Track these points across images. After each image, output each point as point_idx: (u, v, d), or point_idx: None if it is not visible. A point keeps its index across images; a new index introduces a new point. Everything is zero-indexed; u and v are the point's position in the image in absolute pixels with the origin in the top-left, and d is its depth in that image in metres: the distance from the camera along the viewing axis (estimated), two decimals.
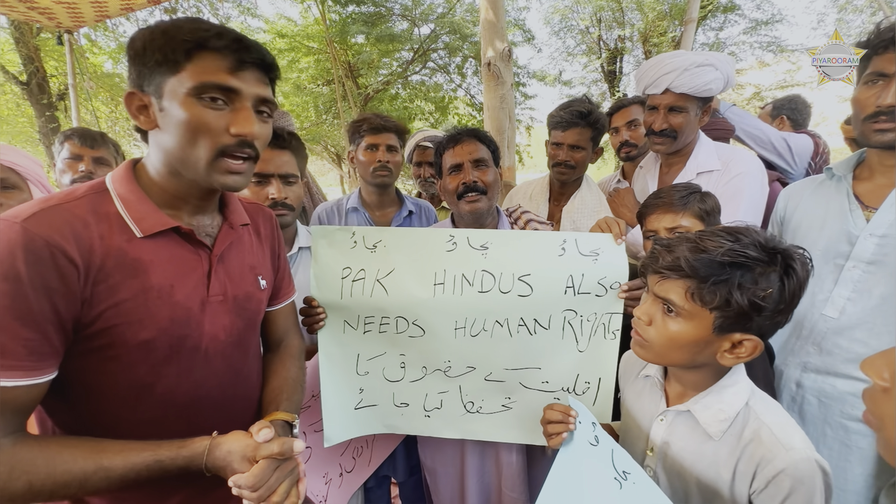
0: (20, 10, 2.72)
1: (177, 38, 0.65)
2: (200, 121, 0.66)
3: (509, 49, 3.30)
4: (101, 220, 0.67)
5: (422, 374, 1.19)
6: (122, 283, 0.66)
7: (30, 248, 0.59)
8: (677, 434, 0.81)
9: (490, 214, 1.29)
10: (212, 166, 0.69)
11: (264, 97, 0.72)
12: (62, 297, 0.61)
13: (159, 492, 0.76)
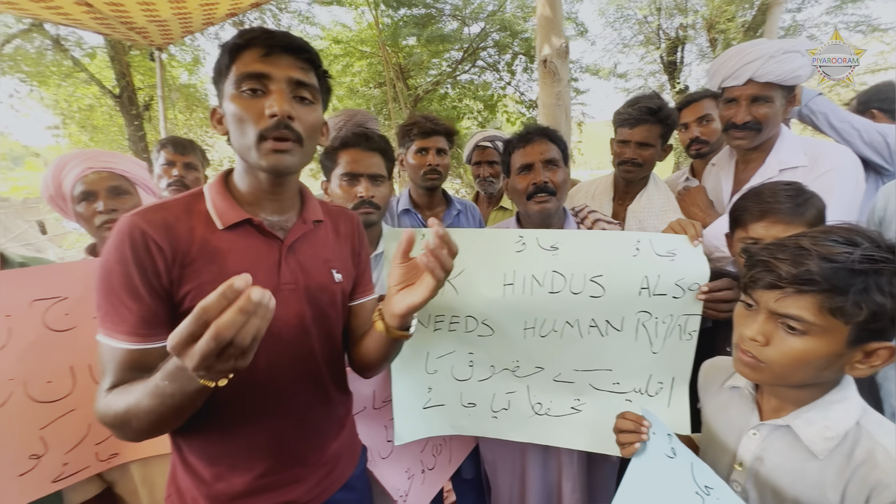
0: (121, 30, 3.03)
1: (224, 48, 0.76)
2: (242, 110, 0.74)
3: (566, 45, 3.24)
4: (193, 216, 0.79)
5: (490, 373, 1.21)
6: (204, 267, 0.76)
7: (132, 236, 0.73)
8: (773, 450, 0.76)
9: (557, 214, 1.29)
10: (258, 150, 0.75)
11: (299, 79, 0.76)
12: (154, 275, 0.73)
13: (246, 462, 0.84)
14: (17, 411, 1.11)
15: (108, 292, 0.72)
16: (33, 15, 2.65)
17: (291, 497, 0.86)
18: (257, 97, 0.74)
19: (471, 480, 1.72)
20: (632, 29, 10.23)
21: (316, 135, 0.82)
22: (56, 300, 1.14)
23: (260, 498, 0.84)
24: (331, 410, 0.94)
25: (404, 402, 1.23)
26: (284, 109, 0.73)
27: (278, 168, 0.77)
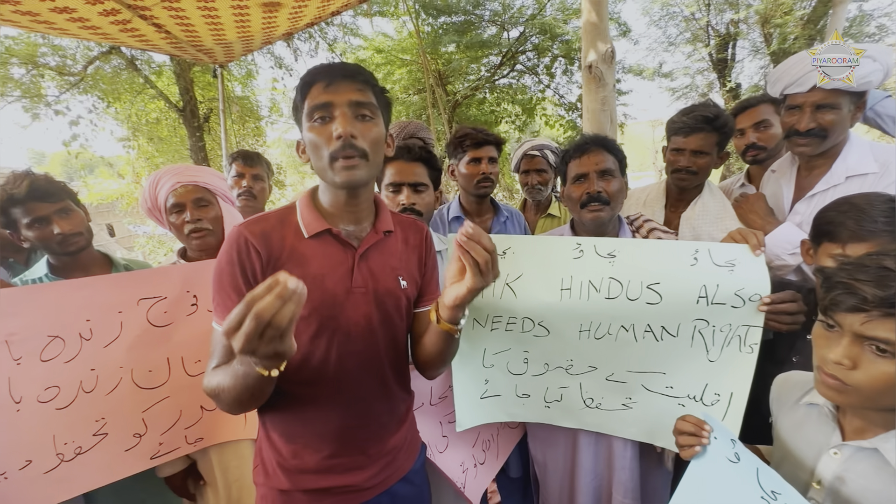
0: (191, 52, 3.30)
1: (297, 89, 0.89)
2: (316, 137, 0.85)
3: (612, 50, 3.22)
4: (286, 226, 0.92)
5: (544, 369, 1.26)
6: (291, 270, 0.86)
7: (238, 243, 0.87)
8: (857, 471, 0.75)
9: (611, 223, 1.32)
10: (331, 169, 0.86)
11: (357, 100, 0.85)
12: (252, 275, 0.86)
13: (317, 443, 0.94)
14: (125, 395, 1.27)
15: (219, 287, 0.88)
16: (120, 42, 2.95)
17: (353, 482, 0.96)
18: (326, 123, 0.85)
19: (516, 481, 1.75)
20: (678, 26, 9.88)
21: (380, 147, 0.91)
22: (157, 299, 1.29)
23: (326, 477, 0.94)
24: (392, 406, 1.02)
25: (463, 392, 1.30)
26: (347, 130, 0.83)
27: (350, 182, 0.86)
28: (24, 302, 1.14)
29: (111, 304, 1.23)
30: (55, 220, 1.34)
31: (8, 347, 1.12)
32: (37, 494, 1.16)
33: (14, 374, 1.13)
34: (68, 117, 7.20)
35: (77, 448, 1.21)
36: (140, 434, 1.30)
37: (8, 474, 1.13)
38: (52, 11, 2.07)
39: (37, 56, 6.70)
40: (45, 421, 1.17)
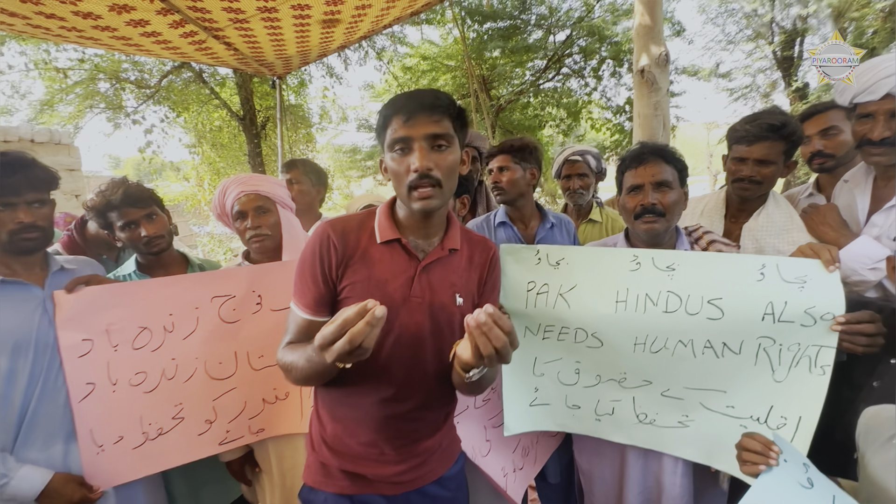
0: (254, 66, 3.53)
1: (380, 116, 0.96)
2: (396, 168, 0.93)
3: (666, 53, 3.12)
4: (363, 229, 1.00)
5: (595, 381, 1.25)
6: (360, 269, 0.97)
7: (322, 237, 0.97)
8: None
9: (668, 234, 1.29)
10: (409, 197, 0.93)
11: (433, 133, 0.90)
12: (328, 268, 0.96)
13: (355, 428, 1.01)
14: (199, 384, 1.40)
15: (300, 274, 0.98)
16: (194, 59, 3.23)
17: (384, 473, 1.02)
18: (405, 155, 0.92)
19: (557, 488, 1.74)
20: (738, 24, 9.35)
21: (455, 172, 0.96)
22: (227, 297, 1.41)
23: (361, 462, 1.02)
24: (429, 412, 1.06)
25: (513, 399, 1.32)
26: (424, 165, 0.89)
27: (425, 210, 0.94)
28: (122, 296, 1.30)
29: (190, 301, 1.36)
30: (142, 224, 1.49)
31: (108, 335, 1.27)
32: (125, 467, 1.31)
33: (112, 359, 1.28)
34: (143, 126, 7.91)
35: (159, 429, 1.35)
36: (211, 421, 1.42)
37: (105, 447, 1.27)
38: (142, 36, 2.31)
39: (120, 71, 7.42)
40: (135, 402, 1.31)
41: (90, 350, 1.25)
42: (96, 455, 1.26)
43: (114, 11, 1.97)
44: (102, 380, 1.26)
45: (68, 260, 1.37)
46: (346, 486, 1.02)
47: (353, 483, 1.02)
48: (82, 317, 1.24)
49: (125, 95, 7.94)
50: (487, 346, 0.74)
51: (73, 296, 1.23)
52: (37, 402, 1.19)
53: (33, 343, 1.19)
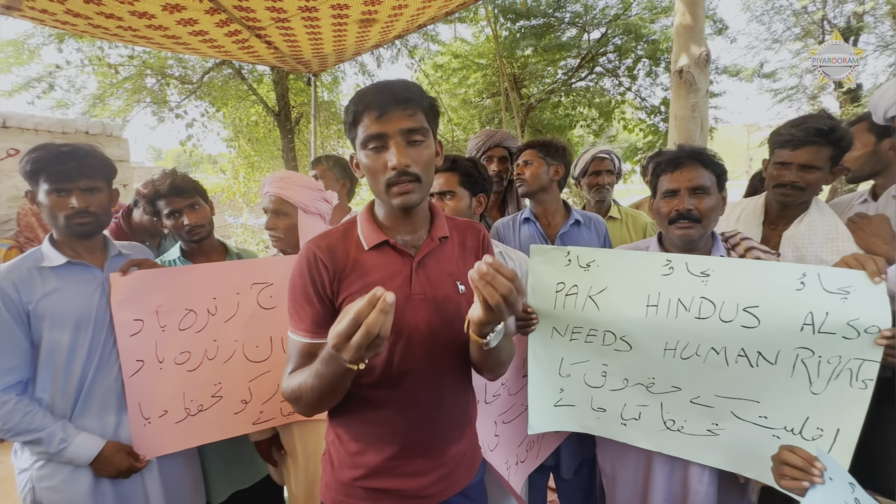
0: (291, 63, 3.64)
1: (348, 112, 0.91)
2: (372, 166, 0.89)
3: (707, 53, 3.02)
4: (349, 240, 0.97)
5: (622, 385, 1.24)
6: (355, 280, 0.94)
7: (308, 258, 0.94)
8: None
9: (703, 240, 1.26)
10: (387, 194, 0.90)
11: (408, 128, 0.87)
12: (321, 286, 0.93)
13: (378, 444, 0.98)
14: (237, 365, 1.47)
15: (293, 299, 0.96)
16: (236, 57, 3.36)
17: (412, 487, 0.98)
18: (380, 152, 0.88)
19: (578, 488, 1.74)
20: (785, 21, 8.91)
21: (431, 165, 0.94)
22: (266, 285, 1.48)
23: (386, 479, 0.97)
24: (453, 414, 1.03)
25: (538, 398, 1.32)
26: (401, 161, 0.87)
27: (406, 205, 0.91)
28: (170, 280, 1.38)
29: (232, 286, 1.44)
30: (185, 213, 1.58)
31: (157, 316, 1.36)
32: (169, 439, 1.40)
33: (160, 339, 1.37)
34: (185, 120, 8.27)
35: (199, 405, 1.44)
36: (246, 401, 1.50)
37: (151, 420, 1.37)
38: (190, 34, 2.43)
39: (165, 68, 7.78)
40: (179, 380, 1.40)
41: (141, 329, 1.34)
42: (143, 427, 1.35)
43: (166, 11, 2.09)
44: (151, 358, 1.36)
45: (123, 245, 1.46)
46: None
47: (377, 500, 0.99)
48: (134, 298, 1.33)
49: (169, 90, 8.33)
50: (494, 295, 0.73)
51: (127, 278, 1.32)
52: (93, 374, 1.29)
53: (93, 320, 1.29)
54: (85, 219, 1.27)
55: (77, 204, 1.25)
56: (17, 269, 1.24)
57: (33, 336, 1.24)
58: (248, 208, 10.29)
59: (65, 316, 1.25)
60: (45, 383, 1.26)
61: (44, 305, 1.23)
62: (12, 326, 1.21)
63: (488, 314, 0.78)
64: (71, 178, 1.24)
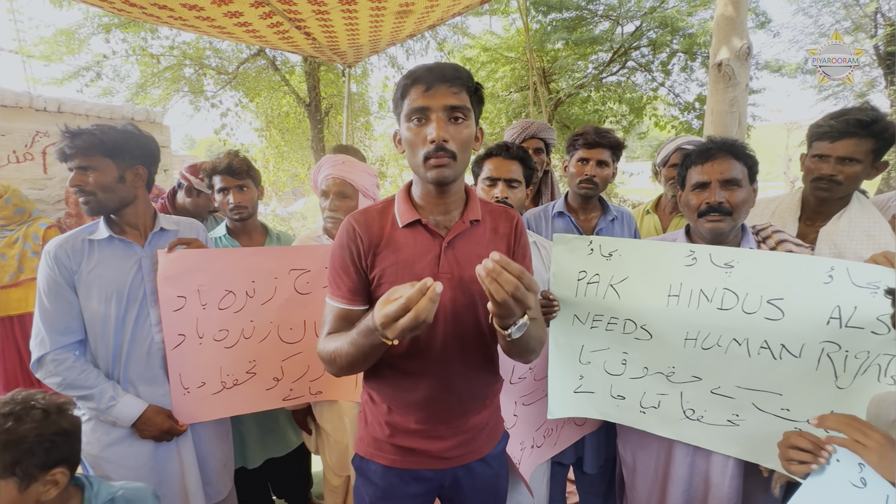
0: (327, 54, 3.70)
1: (398, 86, 0.95)
2: (412, 138, 0.93)
3: (749, 46, 2.92)
4: (385, 217, 1.03)
5: (642, 373, 1.26)
6: (388, 255, 0.99)
7: (348, 231, 1.01)
8: None
9: (733, 232, 1.25)
10: (424, 167, 0.93)
11: (452, 105, 0.91)
12: (357, 258, 0.99)
13: (407, 408, 1.05)
14: (272, 345, 1.55)
15: (333, 268, 1.03)
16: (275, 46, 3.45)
17: (433, 448, 1.06)
18: (422, 125, 0.92)
19: (598, 481, 1.75)
20: (835, 14, 8.42)
21: (469, 146, 0.96)
22: (303, 271, 1.54)
23: (412, 439, 1.06)
24: (474, 387, 1.08)
25: (558, 383, 1.35)
26: (440, 135, 0.90)
27: (439, 180, 0.94)
28: (213, 262, 1.46)
29: (270, 271, 1.51)
30: (233, 192, 1.70)
31: (199, 295, 1.44)
32: (206, 408, 1.49)
33: (200, 316, 1.45)
34: (220, 109, 8.55)
35: (235, 380, 1.52)
36: (278, 378, 1.58)
37: (190, 390, 1.46)
38: (235, 25, 2.53)
39: (203, 58, 8.06)
40: (217, 355, 1.49)
41: (183, 306, 1.42)
42: (183, 396, 1.45)
43: (214, 3, 2.18)
44: (191, 333, 1.44)
45: (174, 220, 1.51)
46: (396, 460, 1.07)
47: (404, 457, 1.07)
48: (178, 276, 1.40)
49: (206, 80, 8.62)
50: (500, 292, 0.75)
51: (172, 256, 1.39)
52: (128, 346, 1.36)
53: (126, 294, 1.34)
54: (83, 197, 1.29)
55: (74, 181, 1.27)
56: (73, 239, 1.33)
57: None
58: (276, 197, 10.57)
59: (100, 287, 1.32)
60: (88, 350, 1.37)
61: (85, 276, 1.31)
62: (67, 290, 1.29)
63: (497, 309, 0.80)
64: (67, 157, 1.27)
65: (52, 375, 1.29)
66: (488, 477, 1.13)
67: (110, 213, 1.36)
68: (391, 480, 1.08)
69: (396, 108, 0.98)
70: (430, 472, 1.08)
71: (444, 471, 1.08)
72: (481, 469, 1.11)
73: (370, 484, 1.10)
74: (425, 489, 1.10)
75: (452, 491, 1.12)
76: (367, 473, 1.10)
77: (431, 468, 1.07)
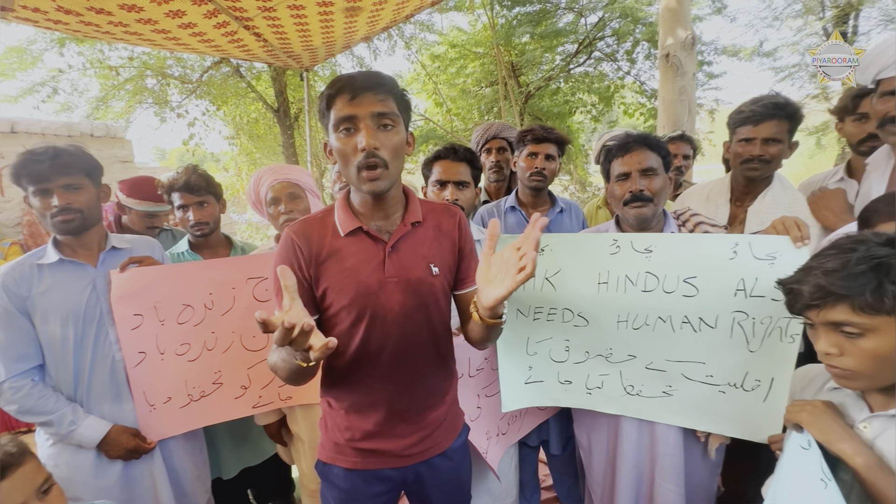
0: (282, 58, 3.65)
1: (322, 97, 0.95)
2: (342, 148, 0.92)
3: (692, 37, 3.05)
4: (325, 226, 1.03)
5: (584, 357, 1.34)
6: (332, 265, 0.99)
7: (287, 242, 1.00)
8: (884, 438, 0.78)
9: (655, 218, 1.34)
10: (357, 178, 0.93)
11: (379, 112, 0.91)
12: (299, 270, 0.99)
13: (366, 411, 1.07)
14: (236, 355, 1.58)
15: (276, 281, 1.01)
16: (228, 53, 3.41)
17: (395, 447, 1.08)
18: (351, 135, 0.92)
19: (567, 462, 1.83)
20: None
21: (401, 152, 0.97)
22: (261, 279, 1.57)
23: (374, 440, 1.08)
24: (431, 384, 1.11)
25: (509, 377, 1.42)
26: (370, 143, 0.90)
27: (374, 191, 0.95)
28: (167, 277, 1.47)
29: (227, 281, 1.53)
30: (193, 209, 1.70)
31: (156, 311, 1.45)
32: (174, 423, 1.51)
33: (160, 332, 1.46)
34: (187, 119, 8.39)
35: (201, 392, 1.55)
36: (245, 386, 1.61)
37: (156, 406, 1.48)
38: (180, 28, 2.48)
39: (165, 68, 7.89)
40: (181, 369, 1.50)
41: (141, 324, 1.42)
42: (149, 413, 1.46)
43: (154, 2, 2.10)
44: (152, 349, 1.45)
45: (127, 239, 1.50)
46: (357, 462, 1.08)
47: (364, 458, 1.08)
48: (133, 294, 1.40)
49: (170, 90, 8.44)
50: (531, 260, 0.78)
51: (125, 275, 1.39)
52: (90, 367, 1.36)
53: (82, 315, 1.34)
54: (69, 216, 1.29)
55: (59, 202, 1.27)
56: (20, 266, 1.32)
57: None
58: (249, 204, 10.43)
59: (55, 311, 1.31)
60: (47, 374, 1.36)
61: (38, 301, 1.30)
62: (18, 317, 1.28)
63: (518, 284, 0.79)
64: (48, 177, 1.26)
65: (9, 403, 1.29)
66: (450, 470, 1.16)
67: (82, 232, 1.36)
68: (354, 482, 1.10)
69: (323, 120, 0.97)
70: (391, 471, 1.10)
71: (406, 468, 1.11)
72: (443, 463, 1.14)
73: (334, 487, 1.12)
74: (388, 487, 1.12)
75: (416, 486, 1.15)
76: (330, 477, 1.12)
77: (393, 466, 1.10)
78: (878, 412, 0.80)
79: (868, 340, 0.72)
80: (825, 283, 0.71)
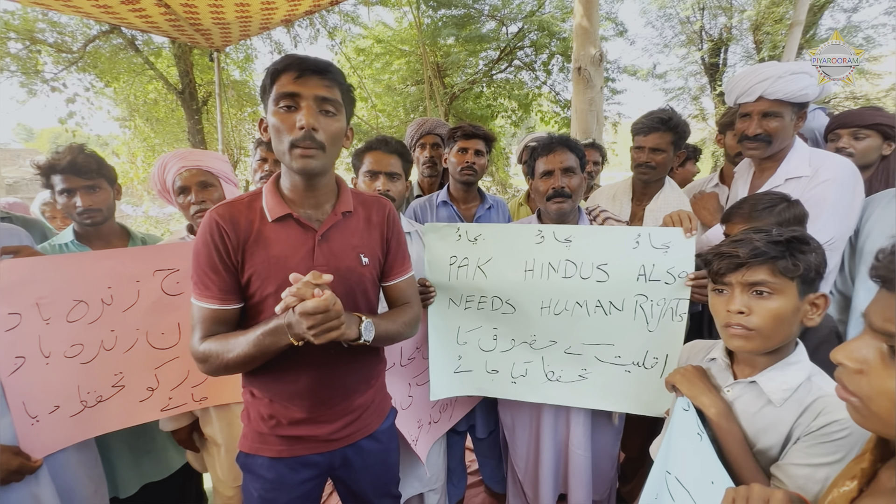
0: (188, 32, 3.30)
1: (267, 72, 0.94)
2: (279, 124, 0.91)
3: (600, 54, 3.38)
4: (253, 211, 1.00)
5: (511, 345, 1.43)
6: (258, 252, 0.97)
7: (211, 226, 0.96)
8: (741, 401, 0.94)
9: (572, 213, 1.49)
10: (290, 155, 0.92)
11: (324, 96, 0.91)
12: (225, 255, 0.96)
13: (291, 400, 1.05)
14: (141, 354, 1.43)
15: (198, 267, 0.98)
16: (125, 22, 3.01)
17: (320, 433, 1.07)
18: (291, 112, 0.91)
19: (490, 444, 1.94)
20: (673, 28, 10.03)
21: (339, 141, 0.97)
22: (171, 271, 1.43)
23: (297, 427, 1.07)
24: (358, 370, 1.11)
25: (438, 367, 1.47)
26: (310, 122, 0.89)
27: (306, 170, 0.93)
28: (53, 270, 1.28)
29: (130, 274, 1.38)
30: (80, 194, 1.47)
31: (38, 309, 1.26)
32: (62, 433, 1.32)
33: (43, 333, 1.27)
34: (65, 95, 7.22)
35: (98, 397, 1.37)
36: (152, 388, 1.46)
37: (39, 418, 1.28)
38: None
39: (35, 31, 6.69)
40: (71, 373, 1.32)
41: (18, 324, 1.23)
42: (31, 426, 1.26)
43: None
44: (33, 353, 1.26)
45: None
46: (282, 450, 1.06)
47: (290, 446, 1.07)
48: (7, 290, 1.21)
49: (42, 59, 7.18)
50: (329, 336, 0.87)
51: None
52: None
53: None
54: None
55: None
56: None
57: None
58: (149, 196, 9.30)
59: None
60: None
61: None
62: None
63: None
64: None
65: None
66: (378, 452, 1.17)
67: None
68: (279, 471, 1.07)
69: (264, 95, 0.95)
70: (318, 456, 1.09)
71: (333, 452, 1.10)
72: (370, 445, 1.15)
73: (257, 478, 1.08)
74: (315, 473, 1.11)
75: (343, 470, 1.15)
76: (253, 468, 1.09)
77: (320, 452, 1.09)
78: (739, 379, 0.97)
79: (775, 301, 0.85)
80: (761, 245, 0.85)
